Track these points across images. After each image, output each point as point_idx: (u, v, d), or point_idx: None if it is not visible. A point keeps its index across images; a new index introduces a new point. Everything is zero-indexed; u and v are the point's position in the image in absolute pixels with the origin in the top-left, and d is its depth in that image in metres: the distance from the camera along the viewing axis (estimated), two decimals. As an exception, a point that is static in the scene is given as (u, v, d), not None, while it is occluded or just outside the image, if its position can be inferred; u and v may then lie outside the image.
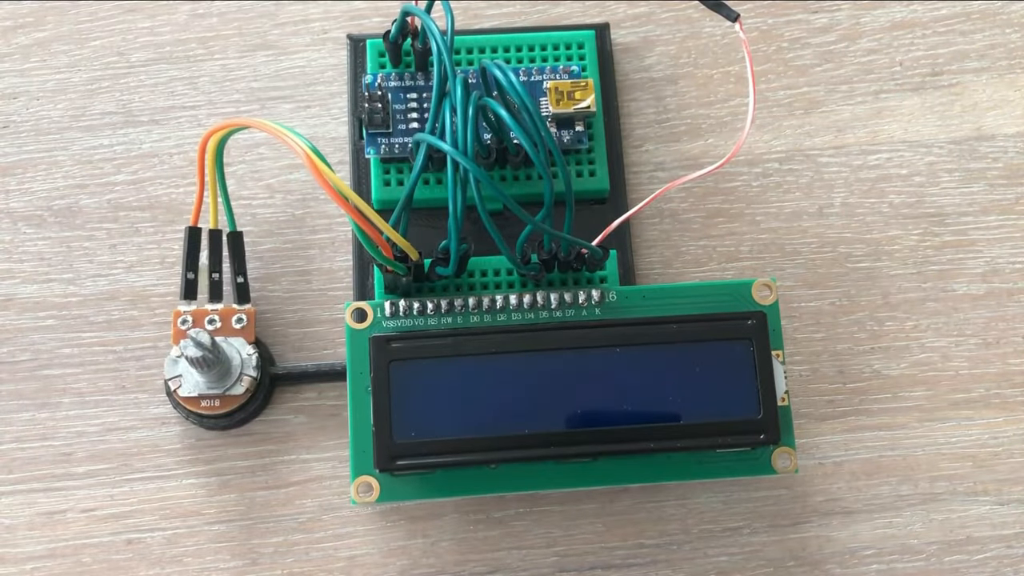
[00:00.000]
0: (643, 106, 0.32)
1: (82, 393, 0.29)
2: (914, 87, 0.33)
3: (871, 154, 0.32)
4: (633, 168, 0.32)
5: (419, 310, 0.26)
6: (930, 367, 0.30)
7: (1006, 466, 0.29)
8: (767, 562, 0.28)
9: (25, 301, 0.30)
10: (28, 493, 0.28)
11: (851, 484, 0.29)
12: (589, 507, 0.29)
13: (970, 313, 0.31)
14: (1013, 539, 0.29)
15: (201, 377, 0.27)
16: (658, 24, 0.33)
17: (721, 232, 0.31)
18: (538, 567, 0.28)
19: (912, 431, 0.30)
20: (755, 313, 0.26)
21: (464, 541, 0.28)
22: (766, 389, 0.26)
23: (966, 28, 0.34)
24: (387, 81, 0.30)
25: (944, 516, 0.29)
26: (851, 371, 0.30)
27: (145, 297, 0.30)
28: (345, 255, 0.30)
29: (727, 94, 0.33)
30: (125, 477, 0.28)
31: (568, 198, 0.26)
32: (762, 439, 0.25)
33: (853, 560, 0.28)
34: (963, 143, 0.32)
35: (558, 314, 0.27)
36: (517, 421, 0.25)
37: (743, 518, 0.29)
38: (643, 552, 0.28)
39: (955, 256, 0.31)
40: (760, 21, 0.33)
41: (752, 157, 0.32)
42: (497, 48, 0.31)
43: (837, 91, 0.33)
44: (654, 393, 0.26)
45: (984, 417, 0.30)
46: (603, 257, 0.27)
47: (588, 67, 0.31)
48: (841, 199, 0.32)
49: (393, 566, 0.28)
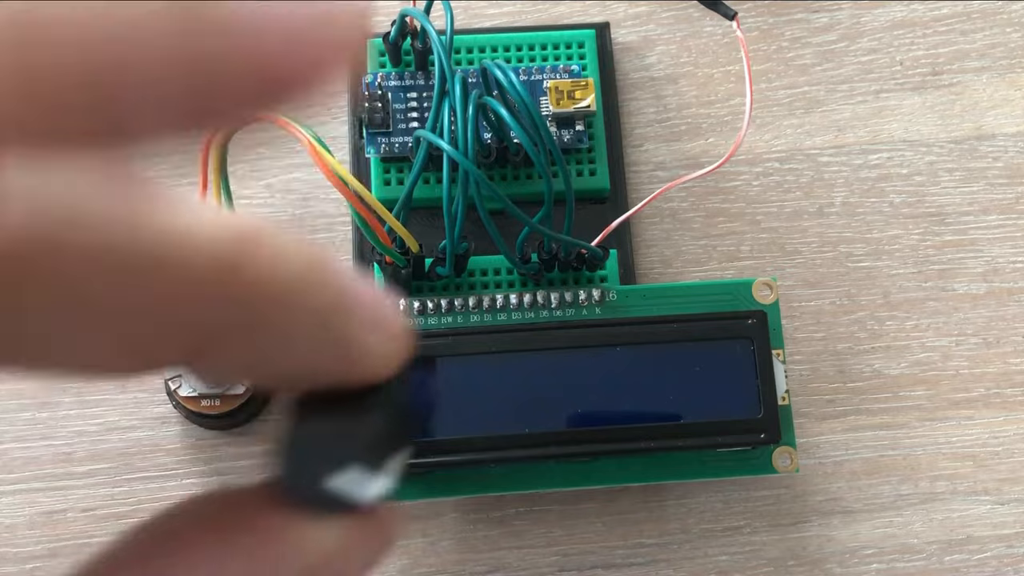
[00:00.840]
0: (643, 105, 0.32)
1: (82, 392, 0.29)
2: (914, 86, 0.33)
3: (871, 153, 0.32)
4: (633, 167, 0.32)
5: (419, 309, 0.26)
6: (930, 367, 0.30)
7: (1006, 466, 0.29)
8: (767, 561, 0.28)
9: (25, 301, 0.30)
10: (28, 492, 0.28)
11: (851, 483, 0.29)
12: (589, 507, 0.29)
13: (970, 313, 0.31)
14: (1013, 539, 0.29)
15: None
16: (658, 23, 0.33)
17: (721, 231, 0.31)
18: (538, 567, 0.28)
19: (912, 431, 0.30)
20: (755, 312, 0.26)
21: (464, 541, 0.28)
22: (766, 388, 0.26)
23: (967, 27, 0.33)
24: (387, 80, 0.30)
25: (944, 516, 0.29)
26: (851, 370, 0.30)
27: (145, 297, 0.30)
28: (345, 255, 0.30)
29: (728, 93, 0.33)
30: (125, 477, 0.28)
31: (568, 197, 0.26)
32: (762, 438, 0.25)
33: (853, 559, 0.28)
34: (963, 142, 0.32)
35: (558, 313, 0.27)
36: (517, 421, 0.25)
37: (743, 517, 0.29)
38: (643, 552, 0.28)
39: (955, 256, 0.31)
40: (760, 20, 0.33)
41: (752, 157, 0.32)
42: (497, 47, 0.31)
43: (837, 90, 0.33)
44: (654, 392, 0.26)
45: (984, 417, 0.30)
46: (603, 257, 0.27)
47: (588, 66, 0.31)
48: (841, 198, 0.32)
49: (393, 566, 0.28)
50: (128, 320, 0.09)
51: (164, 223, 0.09)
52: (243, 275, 0.10)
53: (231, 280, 0.10)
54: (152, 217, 0.09)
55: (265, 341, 0.10)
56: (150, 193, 0.10)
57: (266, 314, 0.10)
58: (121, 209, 0.09)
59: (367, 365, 0.11)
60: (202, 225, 0.10)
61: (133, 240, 0.09)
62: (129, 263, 0.09)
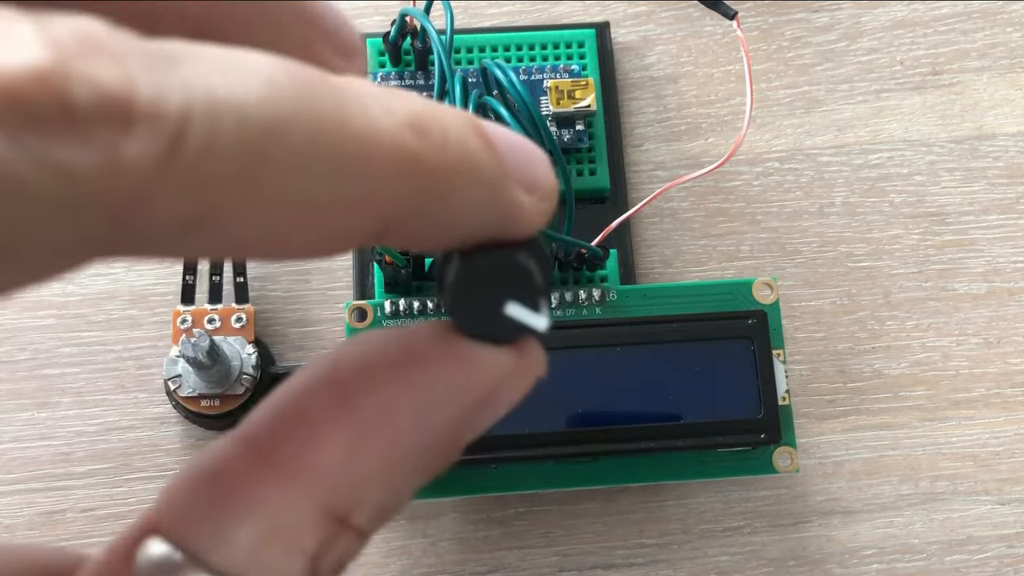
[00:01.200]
0: (643, 105, 0.32)
1: (81, 392, 0.29)
2: (915, 86, 0.33)
3: (872, 153, 0.32)
4: (633, 167, 0.32)
5: (419, 309, 0.26)
6: (931, 367, 0.30)
7: (1007, 466, 0.29)
8: (767, 562, 0.28)
9: (24, 300, 0.30)
10: (27, 493, 0.28)
11: (852, 484, 0.29)
12: (589, 507, 0.29)
13: (971, 312, 0.31)
14: (1014, 539, 0.29)
15: (201, 377, 0.27)
16: (658, 23, 0.33)
17: (721, 231, 0.31)
18: (538, 567, 0.28)
19: (913, 431, 0.30)
20: (756, 312, 0.26)
21: (464, 541, 0.28)
22: (767, 388, 0.26)
23: (967, 27, 0.33)
24: (387, 80, 0.30)
25: (945, 516, 0.29)
26: (852, 370, 0.30)
27: (144, 296, 0.30)
28: (345, 254, 0.30)
29: (728, 93, 0.33)
30: (125, 477, 0.28)
31: (568, 197, 0.26)
32: (763, 438, 0.25)
33: (854, 560, 0.28)
34: (964, 142, 0.32)
35: (558, 313, 0.27)
36: (517, 421, 0.25)
37: (743, 518, 0.29)
38: (643, 552, 0.28)
39: (956, 255, 0.31)
40: (760, 20, 0.33)
41: (753, 156, 0.32)
42: (497, 47, 0.31)
43: (838, 90, 0.33)
44: (654, 392, 0.26)
45: (985, 417, 0.30)
46: (603, 257, 0.27)
47: (588, 66, 0.31)
48: (842, 198, 0.32)
49: (393, 566, 0.28)
50: (331, 210, 0.10)
51: (361, 119, 0.10)
52: (423, 163, 0.11)
53: (414, 167, 0.11)
54: (353, 112, 0.10)
55: (440, 212, 0.12)
56: (343, 90, 0.10)
57: (443, 192, 0.11)
58: (330, 108, 0.10)
59: (523, 222, 0.13)
60: (381, 115, 0.11)
61: (341, 138, 0.10)
62: (337, 158, 0.10)
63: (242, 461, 0.12)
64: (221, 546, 0.11)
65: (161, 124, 0.09)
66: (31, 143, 0.08)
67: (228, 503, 0.12)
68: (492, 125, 0.12)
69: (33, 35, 0.09)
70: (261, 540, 0.11)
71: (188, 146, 0.09)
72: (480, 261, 0.13)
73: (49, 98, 0.08)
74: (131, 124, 0.09)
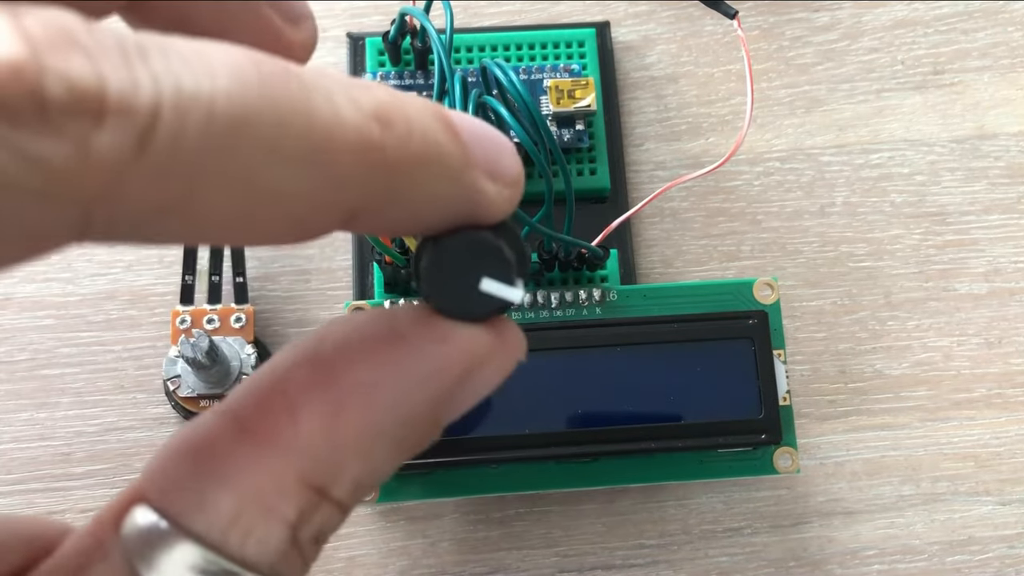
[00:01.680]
0: (644, 105, 0.32)
1: (81, 393, 0.29)
2: (916, 86, 0.33)
3: (873, 153, 0.32)
4: (634, 167, 0.32)
5: (419, 309, 0.26)
6: (932, 367, 0.30)
7: (1008, 466, 0.29)
8: (768, 562, 0.28)
9: (23, 300, 0.30)
10: (27, 493, 0.28)
11: (852, 484, 0.29)
12: (589, 507, 0.29)
13: (972, 313, 0.31)
14: (1015, 539, 0.29)
15: (200, 378, 0.27)
16: (659, 22, 0.33)
17: (722, 231, 0.31)
18: (538, 567, 0.28)
19: (914, 431, 0.29)
20: (756, 312, 0.26)
21: (464, 541, 0.28)
22: (767, 389, 0.26)
23: (968, 27, 0.33)
24: (387, 80, 0.29)
25: (946, 516, 0.29)
26: (853, 371, 0.30)
27: (144, 297, 0.30)
28: (344, 254, 0.30)
29: (728, 92, 0.33)
30: (124, 477, 0.28)
31: (568, 197, 0.26)
32: (763, 439, 0.25)
33: (854, 560, 0.28)
34: (965, 142, 0.32)
35: (558, 313, 0.27)
36: (517, 421, 0.25)
37: (744, 518, 0.29)
38: (643, 552, 0.28)
39: (957, 255, 0.31)
40: (761, 19, 0.33)
41: (753, 156, 0.32)
42: (497, 46, 0.31)
43: (838, 90, 0.33)
44: (655, 393, 0.25)
45: (986, 417, 0.30)
46: (603, 257, 0.27)
47: (588, 65, 0.31)
48: (843, 198, 0.31)
49: (393, 566, 0.28)
50: (298, 201, 0.11)
51: (327, 111, 0.11)
52: (388, 155, 0.11)
53: (378, 159, 0.11)
54: (318, 105, 0.11)
55: (405, 202, 0.12)
56: (310, 83, 0.11)
57: (408, 182, 0.12)
58: (296, 100, 0.10)
59: (490, 209, 0.13)
60: (346, 108, 0.11)
61: (308, 130, 0.10)
62: (303, 150, 0.10)
63: (225, 433, 0.12)
64: (204, 513, 0.12)
65: (131, 118, 0.09)
66: (4, 135, 0.08)
67: (211, 473, 0.12)
68: (458, 114, 0.13)
69: (6, 28, 0.09)
70: (242, 507, 0.12)
71: (157, 139, 0.09)
72: (449, 242, 0.13)
73: (23, 92, 0.08)
74: (102, 118, 0.09)
